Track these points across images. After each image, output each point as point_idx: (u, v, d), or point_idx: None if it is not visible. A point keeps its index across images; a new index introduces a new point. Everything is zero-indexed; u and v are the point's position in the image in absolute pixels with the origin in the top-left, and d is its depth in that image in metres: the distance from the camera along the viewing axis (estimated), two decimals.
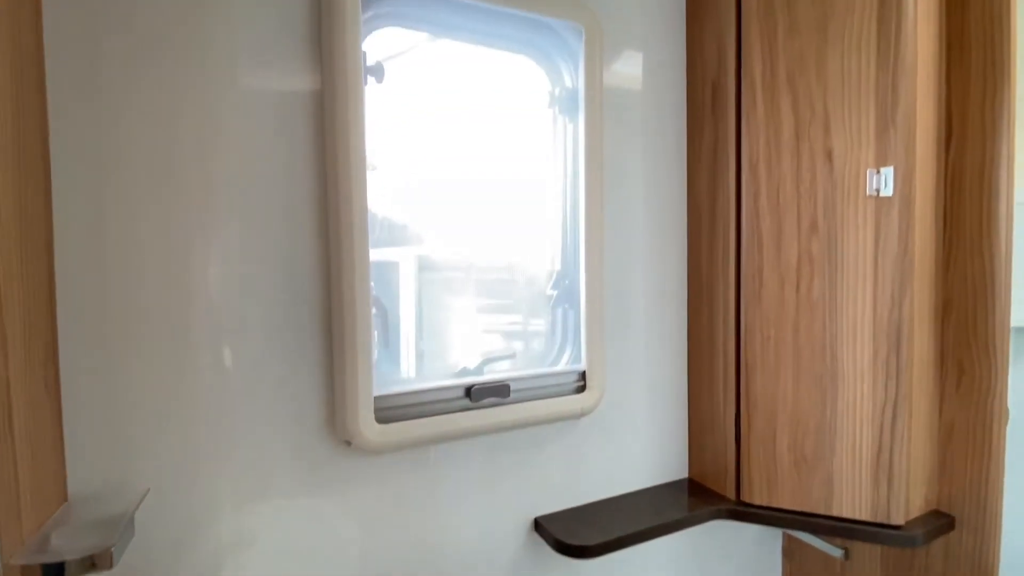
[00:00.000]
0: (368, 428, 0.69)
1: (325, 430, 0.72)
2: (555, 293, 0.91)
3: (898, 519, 0.80)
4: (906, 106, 0.77)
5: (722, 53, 0.89)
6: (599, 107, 0.84)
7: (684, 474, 1.02)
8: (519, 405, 0.81)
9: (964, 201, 0.83)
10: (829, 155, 0.81)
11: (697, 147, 0.96)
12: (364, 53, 0.72)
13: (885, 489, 0.81)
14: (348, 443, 0.71)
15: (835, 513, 0.84)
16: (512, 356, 0.89)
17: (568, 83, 0.89)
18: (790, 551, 1.14)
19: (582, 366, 0.87)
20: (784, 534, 1.13)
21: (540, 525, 0.85)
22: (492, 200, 0.88)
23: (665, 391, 0.99)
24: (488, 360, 0.85)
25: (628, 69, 0.92)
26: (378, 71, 0.76)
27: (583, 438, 0.91)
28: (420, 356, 0.84)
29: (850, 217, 0.81)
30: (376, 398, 0.71)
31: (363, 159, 0.67)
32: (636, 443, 0.96)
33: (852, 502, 0.82)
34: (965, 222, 0.83)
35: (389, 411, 0.73)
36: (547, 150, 0.90)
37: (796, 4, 0.82)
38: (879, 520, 0.81)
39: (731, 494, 0.92)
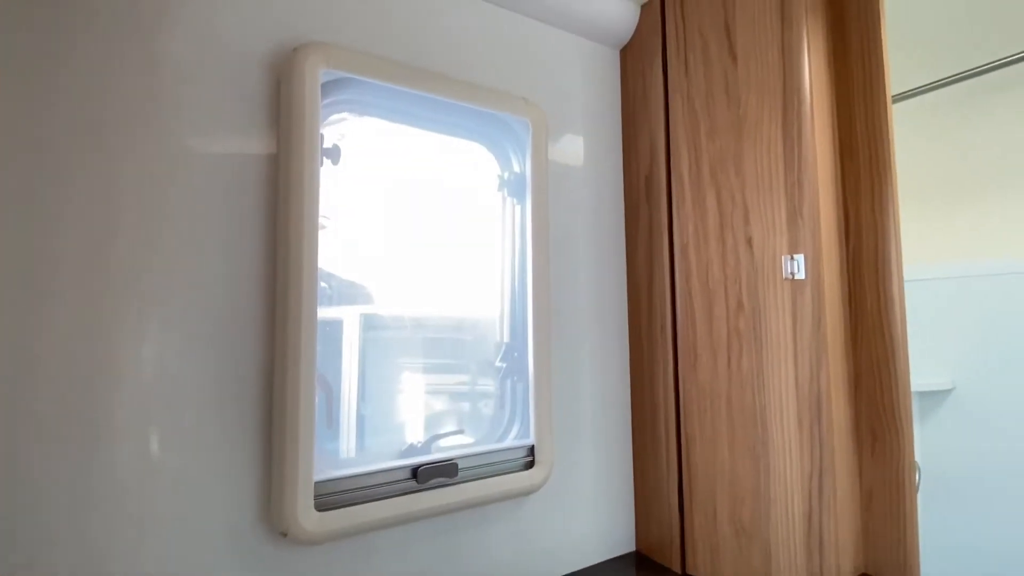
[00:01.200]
0: (306, 517, 0.65)
1: (261, 520, 0.67)
2: (504, 366, 0.92)
3: None
4: (810, 201, 0.88)
5: (654, 150, 0.99)
6: (545, 194, 0.90)
7: (631, 547, 1.02)
8: (467, 485, 0.80)
9: (864, 285, 0.94)
10: (749, 242, 0.91)
11: (634, 230, 1.03)
12: (322, 136, 0.74)
13: (817, 557, 0.84)
14: (284, 534, 0.67)
15: None
16: (461, 431, 0.89)
17: (516, 168, 0.95)
18: None
19: (531, 441, 0.87)
20: None
21: None
22: (444, 273, 0.90)
23: (611, 464, 1.00)
24: (436, 437, 0.84)
25: (571, 158, 1.00)
26: (334, 153, 0.79)
27: (532, 515, 0.90)
28: (363, 428, 0.81)
29: (770, 297, 0.89)
30: (318, 483, 0.68)
31: (316, 242, 0.68)
32: (584, 518, 0.96)
33: (789, 571, 0.85)
34: (866, 303, 0.94)
35: (330, 497, 0.70)
36: (496, 229, 0.94)
37: (715, 111, 0.94)
38: None
39: (677, 567, 0.92)
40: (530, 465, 0.87)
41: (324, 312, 0.79)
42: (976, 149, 1.51)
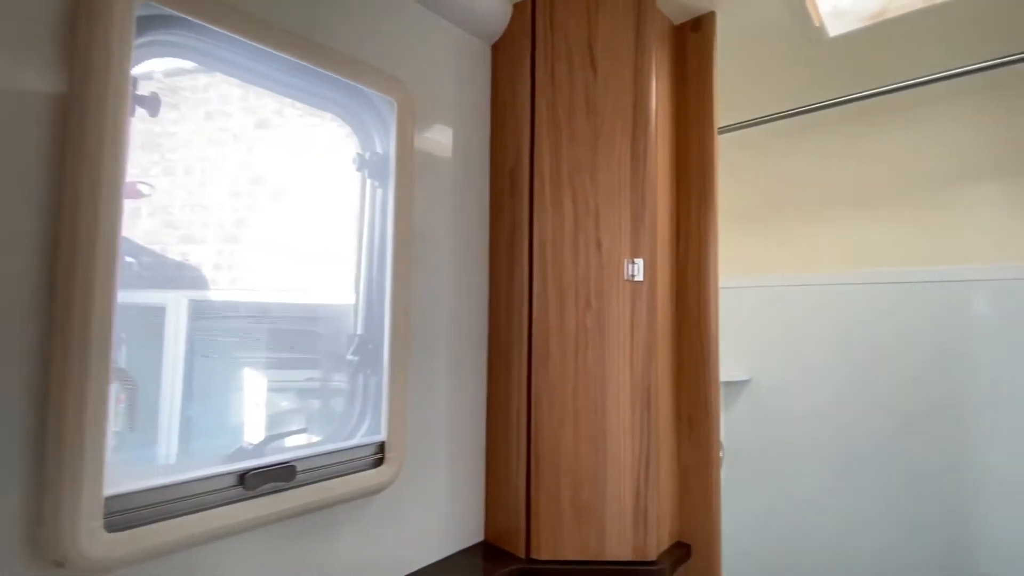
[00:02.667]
0: (91, 541, 0.54)
1: (29, 548, 0.53)
2: (356, 359, 0.87)
3: (652, 555, 0.94)
4: (651, 212, 0.98)
5: (519, 149, 1.01)
6: (410, 179, 0.87)
7: (480, 537, 1.03)
8: (307, 488, 0.73)
9: (688, 288, 1.08)
10: (599, 245, 0.98)
11: (498, 225, 1.05)
12: (134, 79, 0.62)
13: (642, 530, 0.94)
14: (59, 564, 0.54)
15: (607, 558, 0.94)
16: (303, 430, 0.81)
17: (379, 149, 0.90)
18: None
19: (381, 437, 0.84)
20: None
21: None
22: (292, 256, 0.82)
23: (464, 456, 1.01)
24: (272, 438, 0.76)
25: (439, 147, 0.98)
26: (153, 103, 0.67)
27: (381, 514, 0.86)
28: (189, 431, 0.70)
29: (614, 297, 0.97)
30: (109, 499, 0.57)
31: (117, 205, 0.56)
32: (436, 512, 0.95)
33: (619, 545, 0.94)
34: (689, 304, 1.08)
35: (129, 514, 0.59)
36: (353, 211, 0.88)
37: (575, 121, 0.99)
38: (638, 559, 0.94)
39: (522, 552, 0.96)
40: (379, 462, 0.83)
41: (139, 296, 0.66)
42: (782, 179, 1.83)
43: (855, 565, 1.60)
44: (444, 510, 0.97)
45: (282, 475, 0.70)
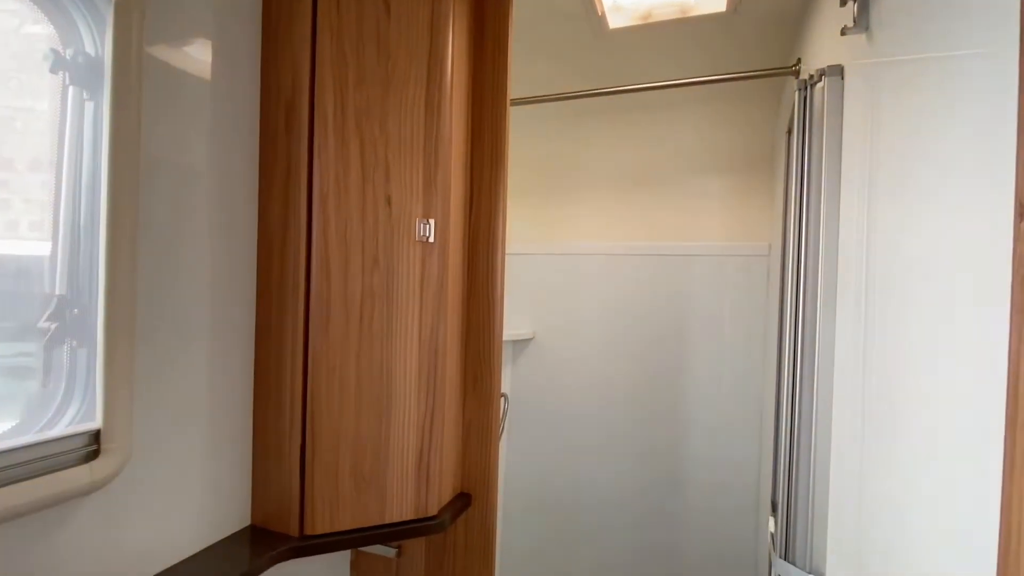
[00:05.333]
0: None
1: None
2: (53, 326, 0.66)
3: (433, 511, 0.96)
4: (443, 172, 0.96)
5: (296, 80, 0.87)
6: (135, 93, 0.67)
7: (247, 522, 0.92)
8: None
9: (478, 251, 1.10)
10: (389, 201, 0.92)
11: (270, 166, 0.90)
12: None
13: (424, 488, 0.95)
14: None
15: (388, 520, 0.93)
16: None
17: (90, 50, 0.67)
18: (356, 563, 1.21)
19: (96, 424, 0.66)
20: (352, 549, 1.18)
21: None
22: None
23: (224, 434, 0.87)
24: None
25: (188, 61, 0.78)
26: None
27: (110, 512, 0.69)
28: None
29: (404, 256, 0.93)
30: None
31: None
32: (186, 502, 0.80)
33: (400, 507, 0.94)
34: (479, 267, 1.10)
35: None
36: (45, 129, 0.65)
37: (364, 60, 0.90)
38: (420, 516, 0.95)
39: (295, 531, 0.88)
40: (94, 455, 0.66)
41: None
42: (554, 157, 2.00)
43: (603, 486, 1.94)
44: (198, 498, 0.83)
45: None
